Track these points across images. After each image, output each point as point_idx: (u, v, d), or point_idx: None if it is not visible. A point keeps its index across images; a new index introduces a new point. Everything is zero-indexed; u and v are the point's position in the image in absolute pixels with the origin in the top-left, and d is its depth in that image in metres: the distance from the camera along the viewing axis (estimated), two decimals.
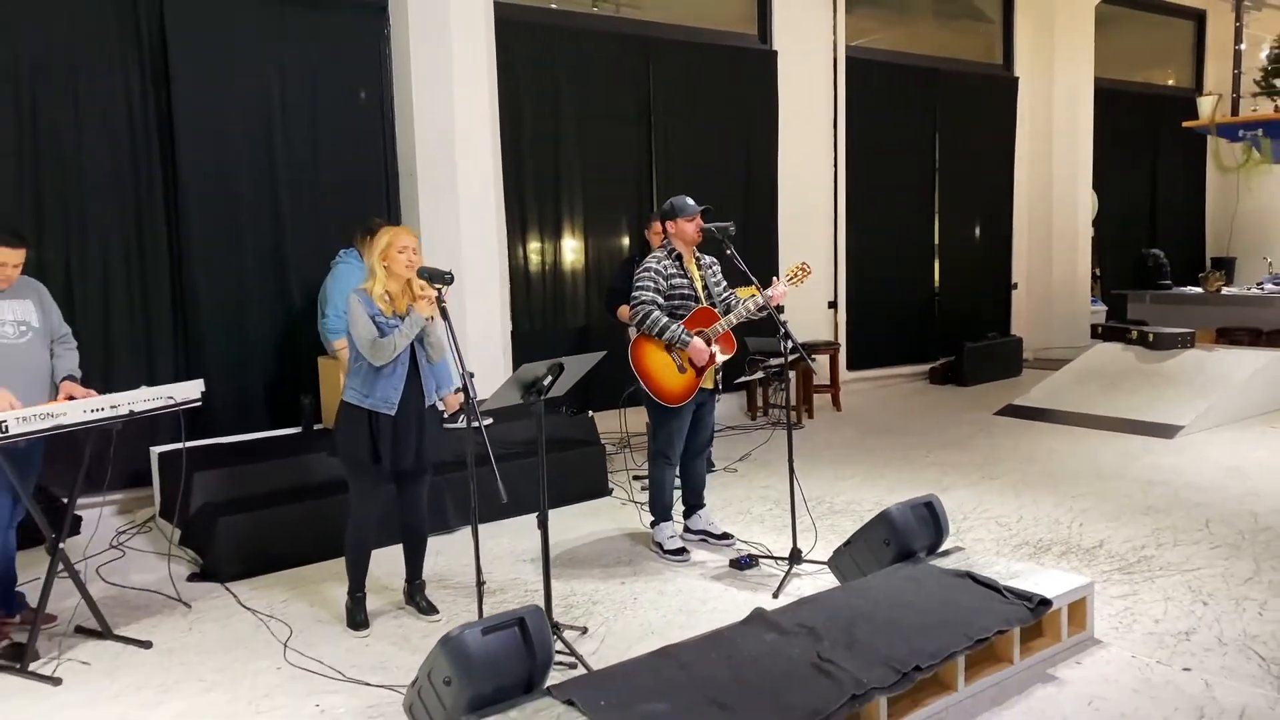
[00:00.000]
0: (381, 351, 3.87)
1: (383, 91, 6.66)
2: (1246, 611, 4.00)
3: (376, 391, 3.96)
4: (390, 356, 3.89)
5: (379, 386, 3.96)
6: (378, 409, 3.96)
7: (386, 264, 3.94)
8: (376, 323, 3.89)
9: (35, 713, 3.46)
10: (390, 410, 3.96)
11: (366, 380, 3.97)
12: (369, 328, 3.88)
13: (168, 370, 5.87)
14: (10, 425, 3.58)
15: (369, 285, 3.97)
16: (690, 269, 4.75)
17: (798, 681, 2.99)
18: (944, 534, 4.13)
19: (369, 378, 3.96)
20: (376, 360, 3.89)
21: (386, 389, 3.96)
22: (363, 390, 3.98)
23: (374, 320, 3.89)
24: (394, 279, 3.95)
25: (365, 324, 3.89)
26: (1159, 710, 3.20)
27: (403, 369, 3.97)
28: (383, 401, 3.96)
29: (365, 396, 3.97)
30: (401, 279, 3.95)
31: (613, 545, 5.15)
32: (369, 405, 3.96)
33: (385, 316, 3.91)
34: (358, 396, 3.98)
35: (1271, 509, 5.40)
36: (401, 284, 3.96)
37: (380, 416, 3.96)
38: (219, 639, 4.07)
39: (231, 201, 6.10)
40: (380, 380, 3.95)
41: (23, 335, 4.06)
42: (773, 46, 8.76)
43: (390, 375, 3.95)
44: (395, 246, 3.94)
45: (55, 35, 5.55)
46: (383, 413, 3.96)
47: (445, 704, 2.89)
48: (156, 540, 5.42)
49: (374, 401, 3.96)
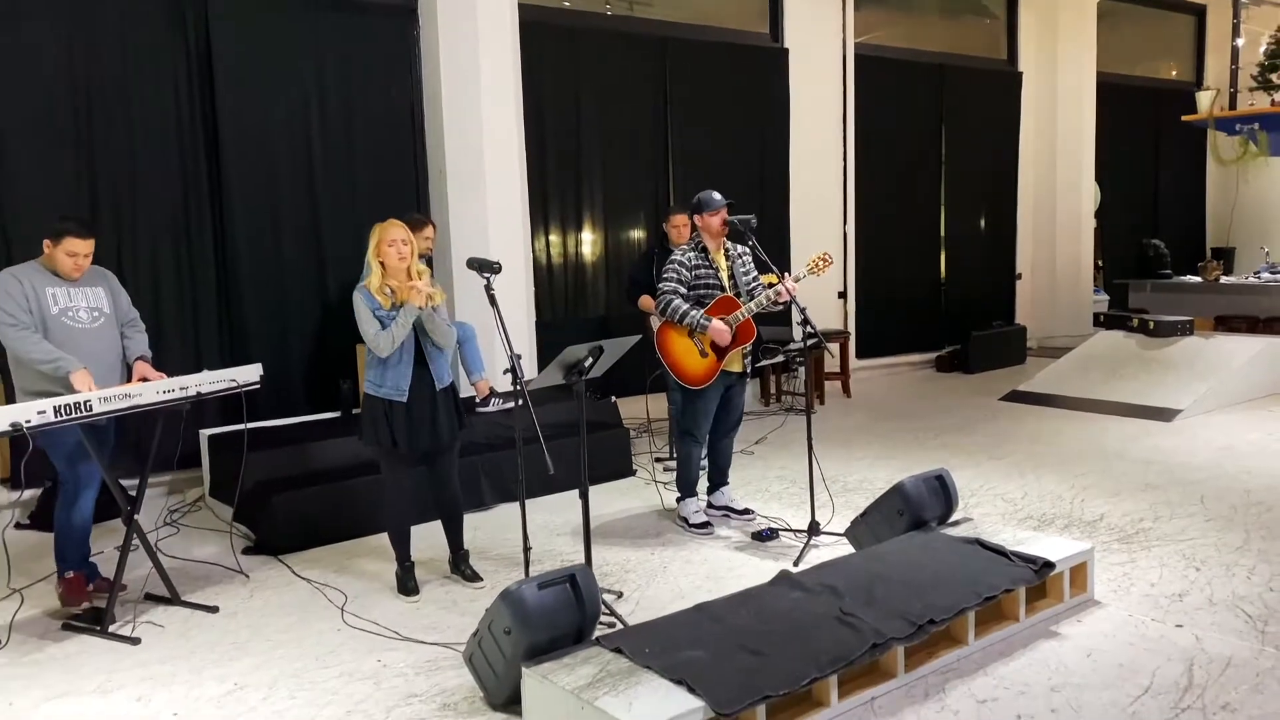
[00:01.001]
0: (382, 344, 4.13)
1: (413, 92, 6.95)
2: (1236, 576, 4.30)
3: (387, 381, 4.24)
4: (391, 348, 4.14)
5: (389, 376, 4.23)
6: (390, 397, 4.23)
7: (381, 259, 4.20)
8: (377, 316, 4.15)
9: (120, 667, 3.77)
10: (401, 397, 4.23)
11: (378, 371, 4.25)
12: (371, 322, 4.15)
13: (213, 358, 6.17)
14: (94, 404, 3.89)
15: (369, 281, 4.20)
16: (717, 260, 5.04)
17: (823, 632, 3.29)
18: (954, 505, 4.44)
19: (380, 368, 4.24)
20: (380, 352, 4.16)
21: (396, 378, 4.23)
22: (376, 380, 4.26)
23: (374, 314, 4.15)
24: (390, 272, 4.19)
25: (368, 319, 4.16)
26: (1152, 660, 3.50)
27: (409, 358, 4.23)
28: (394, 390, 4.23)
29: (379, 386, 4.25)
30: (399, 271, 4.19)
31: (640, 520, 5.46)
32: (383, 394, 4.24)
33: (385, 310, 4.15)
34: (373, 386, 4.27)
35: (1263, 485, 5.69)
36: (401, 276, 4.20)
37: (394, 403, 4.24)
38: (280, 604, 4.38)
39: (272, 198, 6.41)
40: (389, 370, 4.23)
41: (96, 320, 4.37)
42: (784, 45, 9.05)
43: (397, 365, 4.22)
44: (385, 241, 4.18)
45: (110, 45, 5.86)
46: (395, 400, 4.24)
47: (505, 652, 3.20)
48: (206, 518, 5.73)
49: (386, 390, 4.23)
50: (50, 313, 4.21)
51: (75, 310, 4.30)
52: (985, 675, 3.44)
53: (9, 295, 4.11)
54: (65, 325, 4.24)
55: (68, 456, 4.23)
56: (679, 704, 2.85)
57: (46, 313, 4.20)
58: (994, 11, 11.16)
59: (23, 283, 4.17)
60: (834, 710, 3.16)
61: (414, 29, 6.94)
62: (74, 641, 4.03)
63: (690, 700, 2.87)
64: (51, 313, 4.22)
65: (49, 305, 4.22)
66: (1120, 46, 12.05)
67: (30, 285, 4.18)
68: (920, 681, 3.39)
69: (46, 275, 4.27)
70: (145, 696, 3.53)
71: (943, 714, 3.19)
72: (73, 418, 3.83)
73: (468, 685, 3.45)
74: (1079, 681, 3.37)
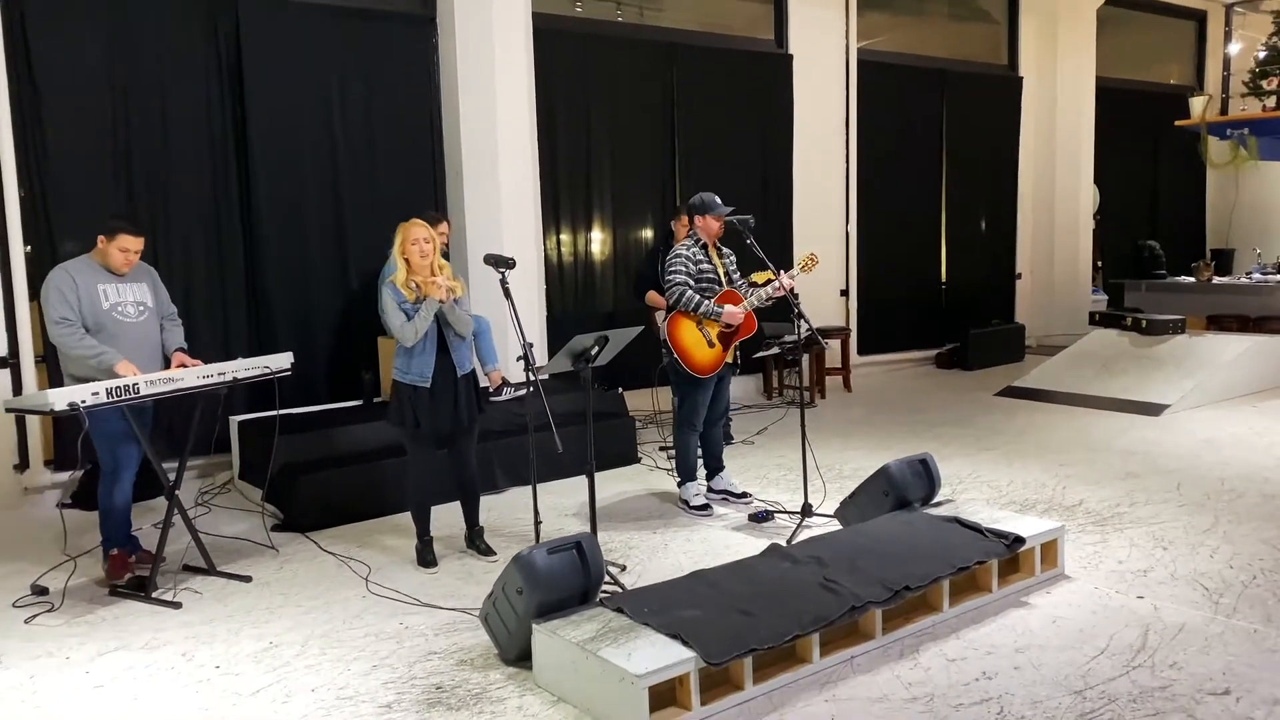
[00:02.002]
0: (406, 334, 4.49)
1: (431, 96, 7.28)
2: (1199, 554, 4.59)
3: (412, 368, 4.60)
4: (415, 338, 4.50)
5: (413, 364, 4.59)
6: (415, 383, 4.59)
7: (405, 256, 4.57)
8: (403, 309, 4.51)
9: (165, 627, 4.11)
10: (425, 383, 4.59)
11: (405, 359, 4.62)
12: (397, 314, 4.51)
13: (241, 348, 6.49)
14: (142, 387, 4.24)
15: (395, 277, 4.59)
16: (714, 257, 5.37)
17: (807, 596, 3.61)
18: (936, 487, 4.74)
19: (406, 356, 4.61)
20: (405, 342, 4.52)
21: (420, 365, 4.59)
22: (403, 368, 4.62)
23: (401, 307, 4.51)
24: (414, 268, 4.56)
25: (394, 311, 4.52)
26: (1111, 626, 3.80)
27: (431, 347, 4.58)
28: (418, 376, 4.59)
29: (405, 373, 4.61)
30: (422, 267, 4.56)
31: (643, 503, 5.78)
32: (408, 380, 4.60)
33: (410, 303, 4.52)
34: (400, 373, 4.63)
35: (1238, 474, 5.98)
36: (424, 272, 4.56)
37: (418, 388, 4.60)
38: (308, 575, 4.72)
39: (298, 197, 6.75)
40: (414, 358, 4.59)
41: (141, 314, 4.71)
42: (789, 50, 9.35)
43: (421, 353, 4.57)
44: (409, 240, 4.57)
45: (147, 51, 6.20)
46: (419, 385, 4.59)
47: (517, 611, 3.53)
48: (235, 499, 6.07)
49: (411, 377, 4.59)
50: (102, 308, 4.55)
51: (124, 305, 4.64)
52: (957, 638, 3.75)
53: (62, 295, 4.44)
54: (115, 319, 4.58)
55: (110, 440, 4.55)
56: (673, 655, 3.18)
57: (98, 307, 4.54)
58: (995, 17, 11.43)
59: (76, 281, 4.49)
60: (816, 666, 3.47)
61: (433, 37, 7.28)
62: (121, 606, 4.38)
63: (684, 652, 3.19)
64: (103, 308, 4.55)
65: (100, 300, 4.55)
66: (1122, 51, 12.31)
67: (83, 282, 4.51)
68: (897, 643, 3.70)
69: (98, 271, 4.61)
70: (189, 652, 3.87)
71: (915, 670, 3.51)
72: (123, 399, 4.17)
73: (483, 644, 3.79)
74: (1042, 644, 3.68)
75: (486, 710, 3.32)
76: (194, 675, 3.67)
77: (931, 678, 3.45)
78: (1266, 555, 4.55)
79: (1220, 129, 9.58)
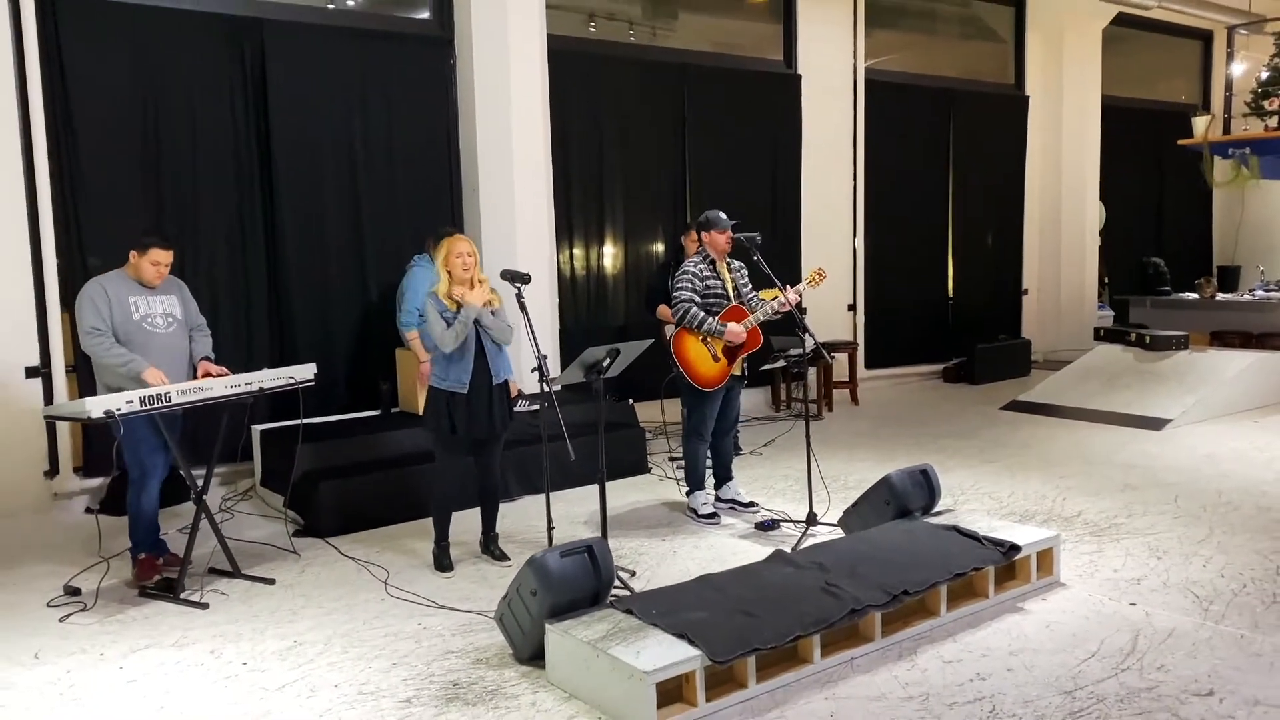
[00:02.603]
0: (449, 339, 4.69)
1: (449, 115, 7.49)
2: (1193, 564, 4.73)
3: (451, 375, 4.79)
4: (456, 343, 4.70)
5: (452, 371, 4.79)
6: (453, 389, 4.79)
7: (448, 269, 4.78)
8: (444, 318, 4.71)
9: (193, 626, 4.29)
10: (463, 389, 4.78)
11: (443, 366, 4.81)
12: (438, 321, 4.71)
13: (263, 359, 6.69)
14: (173, 396, 4.43)
15: (438, 288, 4.79)
16: (722, 272, 5.54)
17: (809, 599, 3.76)
18: (936, 496, 4.90)
19: (445, 364, 4.80)
20: (446, 347, 4.71)
21: (459, 372, 4.78)
22: (441, 374, 4.81)
23: (442, 316, 4.71)
24: (456, 280, 4.77)
25: (436, 319, 4.72)
26: (1103, 631, 3.95)
27: (470, 355, 4.78)
28: (456, 382, 4.78)
29: (443, 380, 4.80)
30: (464, 279, 4.77)
31: (653, 511, 5.94)
32: (446, 386, 4.79)
33: (452, 312, 4.72)
34: (438, 380, 4.82)
35: (1235, 487, 6.11)
36: (465, 283, 4.78)
37: (455, 395, 4.79)
38: (329, 578, 4.90)
39: (319, 213, 6.96)
40: (453, 365, 4.78)
41: (170, 326, 4.91)
42: (797, 70, 9.55)
43: (460, 360, 4.77)
44: (453, 254, 4.79)
45: (175, 71, 6.41)
46: (457, 391, 4.78)
47: (531, 611, 3.70)
48: (257, 506, 6.26)
49: (450, 383, 4.78)
50: (133, 319, 4.76)
51: (153, 317, 4.85)
52: (954, 642, 3.90)
53: (94, 307, 4.65)
54: (145, 330, 4.78)
55: (139, 447, 4.74)
56: (680, 653, 3.34)
57: (129, 319, 4.74)
58: (1002, 36, 11.61)
59: (108, 293, 4.70)
60: (817, 666, 3.63)
61: (450, 58, 7.49)
62: (150, 606, 4.56)
63: (690, 650, 3.35)
64: (134, 319, 4.76)
65: (131, 312, 4.76)
66: (1128, 70, 12.46)
67: (115, 295, 4.72)
68: (895, 645, 3.85)
69: (130, 284, 4.81)
70: (217, 650, 4.04)
71: (912, 671, 3.66)
72: (155, 407, 4.36)
73: (498, 644, 3.95)
74: (1035, 647, 3.83)
75: (502, 705, 3.48)
76: (222, 671, 3.84)
77: (928, 678, 3.60)
78: (1258, 565, 4.68)
79: (1222, 148, 9.72)
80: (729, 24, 9.76)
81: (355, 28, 7.18)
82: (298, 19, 6.92)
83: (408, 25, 7.54)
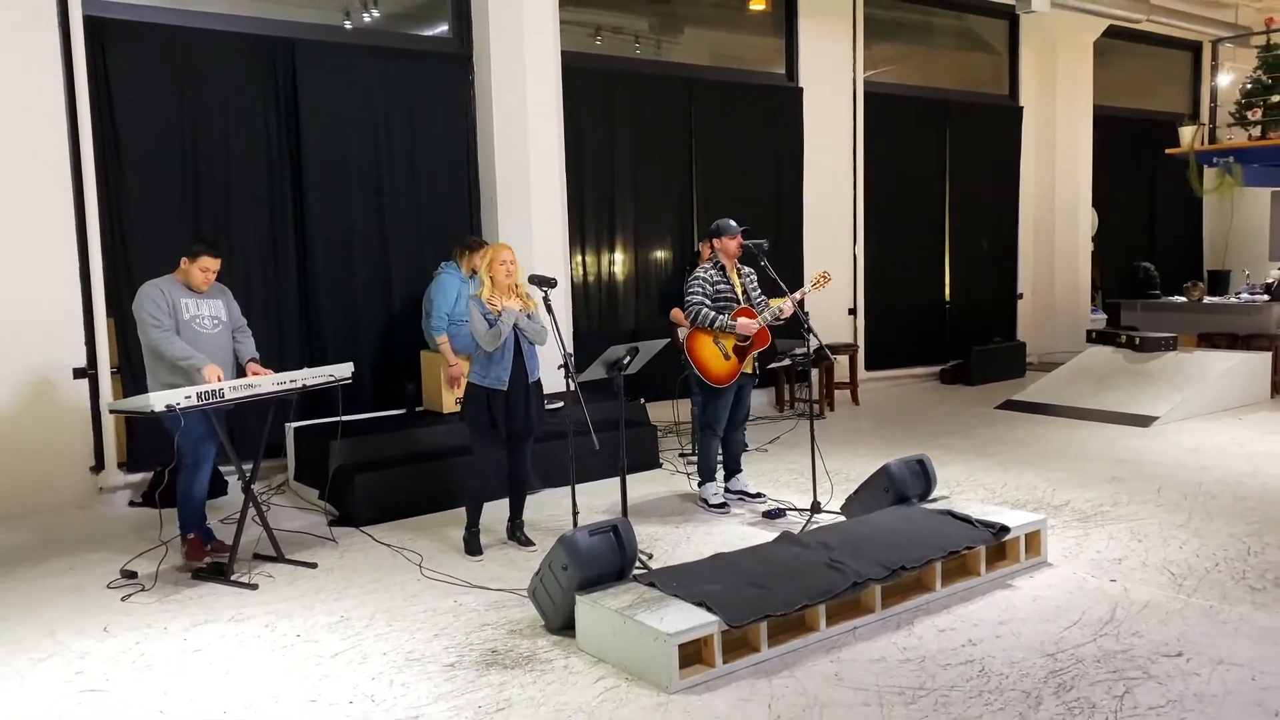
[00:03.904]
0: (490, 339, 5.06)
1: (468, 129, 7.87)
2: (1171, 546, 5.09)
3: (491, 373, 5.16)
4: (498, 342, 5.07)
5: (492, 369, 5.16)
6: (493, 386, 5.16)
7: (491, 275, 5.15)
8: (486, 319, 5.08)
9: (246, 604, 4.65)
10: (502, 386, 5.15)
11: (483, 365, 5.18)
12: (481, 323, 5.08)
13: (294, 361, 7.06)
14: (226, 392, 4.80)
15: (480, 291, 5.17)
16: (732, 277, 5.92)
17: (815, 573, 4.12)
18: (932, 484, 5.26)
19: (485, 363, 5.16)
20: (488, 346, 5.08)
21: (499, 370, 5.16)
22: (481, 373, 5.18)
23: (485, 317, 5.08)
24: (497, 285, 5.15)
25: (478, 320, 5.10)
26: (1085, 603, 4.31)
27: (509, 354, 5.16)
28: (496, 380, 5.15)
29: (483, 377, 5.17)
30: (504, 284, 5.14)
31: (666, 502, 6.31)
32: (487, 384, 5.16)
33: (494, 315, 5.09)
34: (478, 377, 5.19)
35: (1215, 479, 6.47)
36: (505, 288, 5.15)
37: (495, 392, 5.15)
38: (367, 562, 5.26)
39: (347, 222, 7.35)
40: (493, 365, 5.15)
41: (216, 327, 5.29)
42: (799, 84, 9.94)
43: (500, 360, 5.14)
44: (496, 261, 5.18)
45: (211, 90, 6.80)
46: (496, 389, 5.15)
47: (562, 584, 4.06)
48: (291, 499, 6.62)
49: (490, 381, 5.15)
50: (183, 319, 5.14)
51: (201, 318, 5.22)
52: (948, 613, 4.26)
53: (154, 302, 5.04)
54: (194, 330, 5.16)
55: (193, 437, 5.11)
56: (699, 618, 3.70)
57: (180, 319, 5.13)
58: (996, 48, 12.00)
59: (164, 292, 5.10)
60: (823, 634, 3.98)
61: (470, 74, 7.87)
62: (204, 587, 4.92)
63: (708, 616, 3.71)
64: (184, 319, 5.14)
65: (182, 313, 5.14)
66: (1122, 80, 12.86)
67: (169, 295, 5.11)
68: (894, 617, 4.21)
69: (180, 287, 5.19)
70: (271, 624, 4.40)
71: (909, 639, 4.01)
72: (210, 402, 4.73)
73: (530, 617, 4.31)
74: (1022, 617, 4.18)
75: (537, 669, 3.84)
76: (278, 642, 4.20)
77: (923, 644, 3.95)
78: (1230, 547, 5.04)
79: (1208, 157, 10.10)
80: (732, 38, 10.16)
81: (380, 46, 7.58)
82: (327, 39, 7.31)
83: (429, 44, 7.94)
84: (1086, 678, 3.60)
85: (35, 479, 6.23)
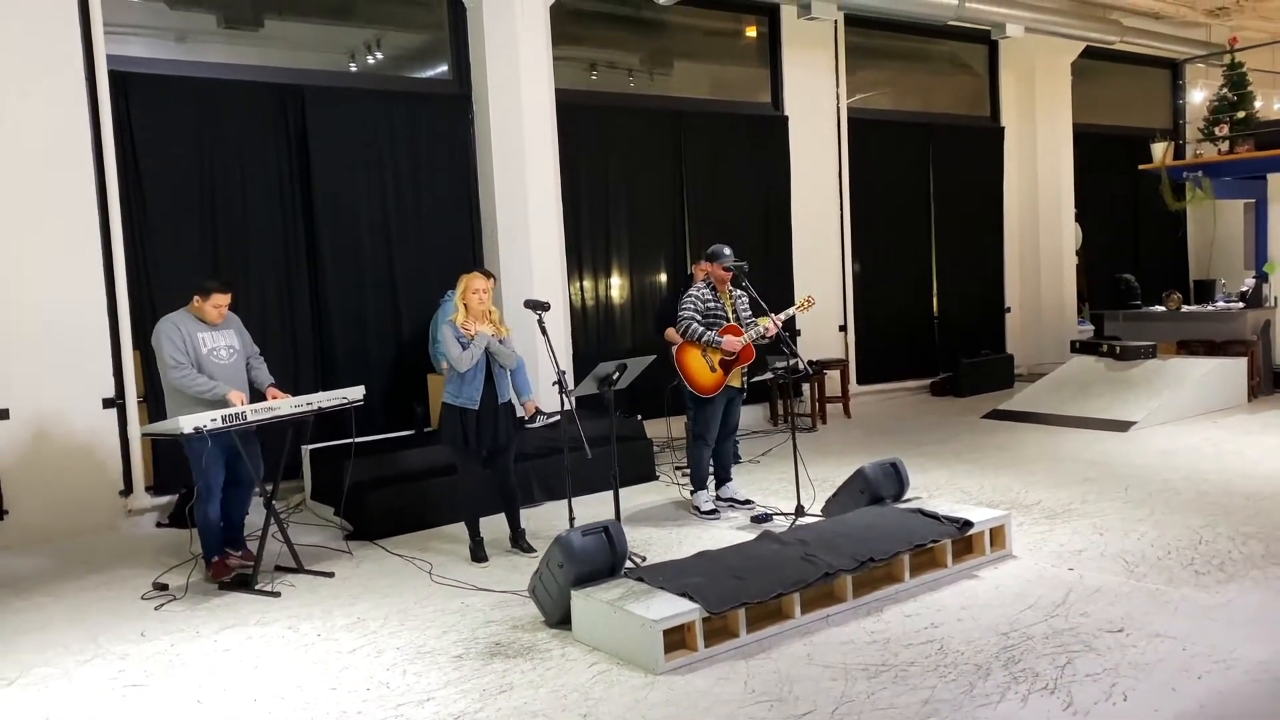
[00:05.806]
0: (464, 361, 5.47)
1: (469, 165, 8.32)
2: (1129, 538, 5.45)
3: (464, 393, 5.57)
4: (469, 364, 5.48)
5: (464, 390, 5.57)
6: (465, 405, 5.57)
7: (465, 301, 5.57)
8: (460, 341, 5.49)
9: (270, 609, 5.04)
10: (474, 406, 5.57)
11: (457, 385, 5.60)
12: (455, 345, 5.49)
13: (308, 385, 7.48)
14: (248, 414, 5.21)
15: (455, 317, 5.59)
16: (723, 298, 6.34)
17: (790, 566, 4.50)
18: (905, 486, 5.64)
19: (458, 383, 5.58)
20: (459, 368, 5.50)
21: (470, 390, 5.57)
22: (454, 393, 5.60)
23: (459, 341, 5.49)
24: (471, 311, 5.56)
25: (452, 344, 5.51)
26: (1041, 589, 4.67)
27: (481, 376, 5.57)
28: (468, 400, 5.57)
29: (456, 397, 5.58)
30: (478, 310, 5.56)
31: (660, 510, 6.69)
32: (459, 403, 5.58)
33: (468, 339, 5.50)
34: (451, 397, 5.61)
35: (1182, 477, 6.82)
36: (478, 314, 5.57)
37: (467, 411, 5.56)
38: (380, 571, 5.65)
39: (356, 254, 7.80)
40: (465, 385, 5.57)
41: (232, 356, 5.70)
42: (784, 112, 10.38)
43: (472, 381, 5.55)
44: (470, 289, 5.61)
45: (228, 134, 7.27)
46: (468, 408, 5.56)
47: (558, 581, 4.44)
48: (307, 516, 7.01)
49: (463, 400, 5.57)
50: (202, 352, 5.54)
51: (218, 350, 5.63)
52: (914, 601, 4.63)
53: (172, 342, 5.44)
54: (213, 362, 5.57)
55: (208, 464, 5.49)
56: (682, 607, 4.08)
57: (199, 352, 5.53)
58: (977, 70, 12.44)
59: (181, 329, 5.49)
60: (797, 621, 4.35)
61: (470, 113, 8.34)
62: (230, 596, 5.31)
63: (690, 605, 4.09)
64: (203, 352, 5.55)
65: (201, 346, 5.55)
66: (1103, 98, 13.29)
67: (186, 331, 5.51)
68: (865, 605, 4.57)
69: (195, 321, 5.60)
70: (294, 626, 4.79)
71: (877, 624, 4.38)
72: (235, 424, 5.15)
73: (531, 615, 4.69)
74: (983, 603, 4.55)
75: (537, 657, 4.22)
76: (301, 641, 4.59)
77: (889, 628, 4.32)
78: (1185, 537, 5.40)
79: (1179, 172, 10.50)
80: (720, 70, 10.63)
81: (384, 90, 8.05)
82: (333, 84, 7.78)
83: (430, 85, 8.41)
84: (1034, 652, 3.97)
85: (69, 503, 6.64)
